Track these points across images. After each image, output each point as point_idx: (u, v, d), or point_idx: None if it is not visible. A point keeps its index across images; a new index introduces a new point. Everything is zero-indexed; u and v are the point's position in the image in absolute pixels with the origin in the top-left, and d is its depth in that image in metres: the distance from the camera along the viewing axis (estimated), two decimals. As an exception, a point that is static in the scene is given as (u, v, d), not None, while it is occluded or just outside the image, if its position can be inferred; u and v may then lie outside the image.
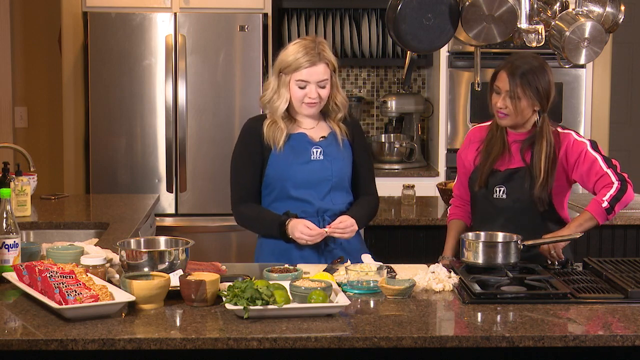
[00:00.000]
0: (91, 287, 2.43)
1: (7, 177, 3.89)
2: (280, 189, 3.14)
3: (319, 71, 3.06)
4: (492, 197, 3.19)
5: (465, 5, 3.44)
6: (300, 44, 3.08)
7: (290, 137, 3.13)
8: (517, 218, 3.15)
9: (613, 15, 3.56)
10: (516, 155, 3.18)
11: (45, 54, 5.88)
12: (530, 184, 3.13)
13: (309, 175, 3.12)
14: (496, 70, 3.16)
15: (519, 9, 3.42)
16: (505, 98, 3.11)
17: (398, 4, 3.45)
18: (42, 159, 5.49)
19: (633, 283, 2.72)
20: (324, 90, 3.09)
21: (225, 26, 5.24)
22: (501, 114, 3.14)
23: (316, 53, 3.05)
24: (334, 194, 3.15)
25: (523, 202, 3.15)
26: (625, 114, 6.99)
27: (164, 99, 5.23)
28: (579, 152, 3.13)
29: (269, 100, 3.15)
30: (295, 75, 3.06)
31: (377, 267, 2.75)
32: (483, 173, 3.20)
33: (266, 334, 2.27)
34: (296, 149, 3.13)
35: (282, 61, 3.10)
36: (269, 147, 3.13)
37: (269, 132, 3.13)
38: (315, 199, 3.13)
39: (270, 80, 3.15)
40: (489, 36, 3.47)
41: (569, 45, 3.41)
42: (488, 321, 2.44)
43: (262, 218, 3.15)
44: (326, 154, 3.14)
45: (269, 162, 3.14)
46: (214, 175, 5.29)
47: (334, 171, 3.15)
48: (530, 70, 3.09)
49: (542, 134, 3.14)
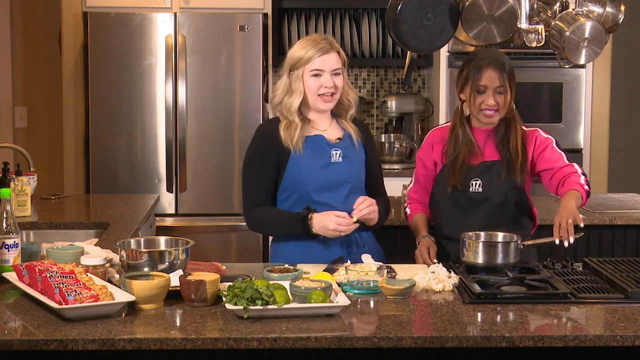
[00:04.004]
0: (91, 287, 2.43)
1: (7, 177, 3.89)
2: (300, 193, 3.08)
3: (331, 59, 3.04)
4: (468, 192, 3.19)
5: (465, 5, 3.44)
6: (307, 39, 3.08)
7: (306, 139, 3.09)
8: (494, 210, 3.17)
9: (613, 15, 3.56)
10: (488, 149, 3.20)
11: (45, 54, 5.89)
12: (507, 174, 3.16)
13: (329, 178, 3.09)
14: (474, 71, 3.13)
15: (519, 9, 3.42)
16: (494, 95, 3.12)
17: (398, 4, 3.45)
18: (42, 159, 5.49)
19: (633, 283, 2.72)
20: (339, 79, 3.06)
21: (225, 26, 5.24)
22: (490, 112, 3.14)
23: (327, 42, 3.05)
24: (353, 196, 3.11)
25: (499, 193, 3.17)
26: (625, 114, 6.99)
27: (164, 99, 5.23)
28: (546, 145, 3.19)
29: (281, 100, 3.09)
30: (309, 67, 3.03)
31: (377, 267, 2.76)
32: (455, 172, 3.20)
33: (266, 334, 2.27)
34: (316, 152, 3.09)
35: (291, 58, 3.07)
36: (287, 150, 3.07)
37: (286, 134, 3.07)
38: (336, 202, 3.08)
39: (280, 81, 3.10)
40: (489, 36, 3.47)
41: (569, 45, 3.41)
42: (488, 321, 2.44)
43: (280, 218, 3.10)
44: (345, 156, 3.12)
45: (288, 166, 3.07)
46: (214, 175, 5.29)
47: (352, 173, 3.13)
48: (506, 60, 3.16)
49: (514, 121, 3.20)
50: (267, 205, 3.12)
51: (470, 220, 3.15)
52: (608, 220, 3.98)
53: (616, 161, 6.70)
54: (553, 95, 5.42)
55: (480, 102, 3.14)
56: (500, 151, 3.19)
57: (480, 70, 3.13)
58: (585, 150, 5.53)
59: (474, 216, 3.18)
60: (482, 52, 3.20)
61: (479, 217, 3.17)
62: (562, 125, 5.43)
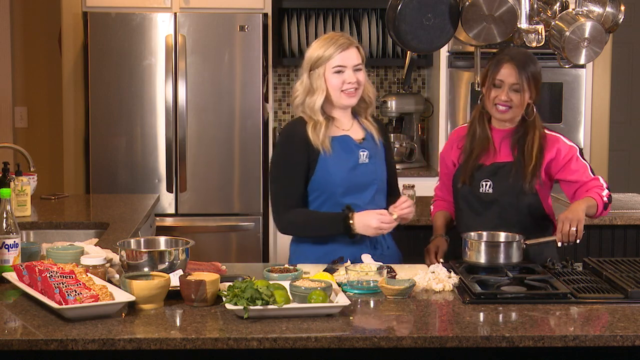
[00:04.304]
0: (91, 287, 2.43)
1: (7, 177, 3.89)
2: (329, 194, 3.06)
3: (352, 55, 3.03)
4: (478, 192, 3.19)
5: (465, 5, 3.44)
6: (324, 38, 3.07)
7: (333, 139, 3.07)
8: (504, 212, 3.16)
9: (613, 15, 3.55)
10: (504, 149, 3.19)
11: (45, 54, 5.89)
12: (517, 177, 3.14)
13: (357, 180, 3.07)
14: (495, 64, 3.14)
15: (519, 9, 3.42)
16: (509, 91, 3.11)
17: (398, 4, 3.44)
18: (42, 159, 5.49)
19: (633, 283, 2.72)
20: (361, 74, 3.04)
21: (225, 26, 5.24)
22: (503, 108, 3.14)
23: (346, 39, 3.04)
24: (378, 197, 3.12)
25: (510, 195, 3.16)
26: (625, 114, 6.99)
27: (164, 99, 5.23)
28: (571, 155, 3.17)
29: (303, 101, 3.07)
30: (330, 64, 3.01)
31: (377, 267, 2.76)
32: (467, 169, 3.20)
33: (266, 334, 2.27)
34: (344, 152, 3.07)
35: (310, 57, 3.05)
36: (316, 151, 3.04)
37: (314, 135, 3.04)
38: (363, 203, 3.06)
39: (300, 82, 3.08)
40: (489, 36, 3.47)
41: (569, 45, 3.41)
42: (488, 321, 2.44)
43: (318, 219, 3.06)
44: (371, 157, 3.11)
45: (317, 166, 3.05)
46: (214, 175, 5.29)
47: (378, 174, 3.12)
48: (532, 62, 3.14)
49: (534, 125, 3.17)
50: (299, 207, 3.08)
51: (482, 221, 3.13)
52: (608, 220, 3.98)
53: (616, 161, 6.70)
54: (553, 95, 5.42)
55: (494, 96, 3.14)
56: (513, 153, 3.18)
57: (499, 65, 3.13)
58: (585, 150, 5.52)
59: (485, 217, 3.17)
60: (510, 49, 3.19)
61: (489, 218, 3.15)
62: (562, 125, 5.43)
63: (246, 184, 5.30)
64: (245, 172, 5.29)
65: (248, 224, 5.29)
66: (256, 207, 5.30)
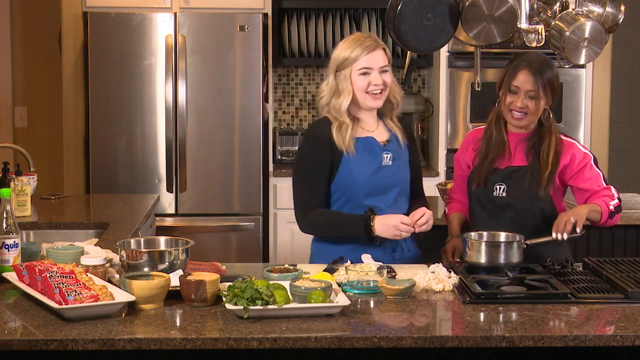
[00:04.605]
0: (91, 287, 2.43)
1: (7, 177, 3.89)
2: (350, 196, 3.06)
3: (378, 57, 3.03)
4: (492, 195, 3.19)
5: (465, 5, 3.44)
6: (351, 39, 3.06)
7: (357, 141, 3.07)
8: (518, 216, 3.16)
9: (613, 15, 3.55)
10: (518, 154, 3.19)
11: (45, 54, 5.89)
12: (531, 182, 3.14)
13: (380, 182, 3.07)
14: (512, 70, 3.13)
15: (519, 9, 3.42)
16: (525, 98, 3.11)
17: (398, 4, 3.44)
18: (42, 159, 5.49)
19: (633, 283, 2.72)
20: (387, 76, 3.05)
21: (225, 26, 5.24)
22: (518, 114, 3.13)
23: (372, 40, 3.04)
24: (400, 200, 3.11)
25: (524, 200, 3.15)
26: (625, 114, 6.99)
27: (164, 99, 5.23)
28: (585, 162, 3.17)
29: (329, 102, 3.07)
30: (357, 65, 3.01)
31: (377, 267, 2.76)
32: (482, 171, 3.20)
33: (266, 334, 2.27)
34: (368, 154, 3.07)
35: (337, 59, 3.05)
36: (340, 152, 3.04)
37: (338, 136, 3.04)
38: (385, 205, 3.06)
39: (326, 82, 3.09)
40: (489, 36, 3.46)
41: (569, 45, 3.40)
42: (488, 321, 2.44)
43: (340, 220, 3.05)
44: (394, 159, 3.11)
45: (340, 167, 3.05)
46: (214, 175, 5.29)
47: (401, 177, 3.12)
48: (549, 67, 3.14)
49: (550, 131, 3.17)
50: (321, 207, 3.08)
51: (496, 224, 3.12)
52: (608, 220, 3.97)
53: (616, 161, 6.70)
54: (553, 95, 5.42)
55: (510, 102, 3.14)
56: (528, 158, 3.17)
57: (516, 70, 3.13)
58: (585, 150, 5.53)
59: (498, 220, 3.16)
60: (528, 54, 3.17)
61: (503, 222, 3.14)
62: (562, 125, 5.43)
63: (246, 184, 5.30)
64: (245, 172, 5.29)
65: (248, 224, 5.29)
66: (256, 207, 5.30)
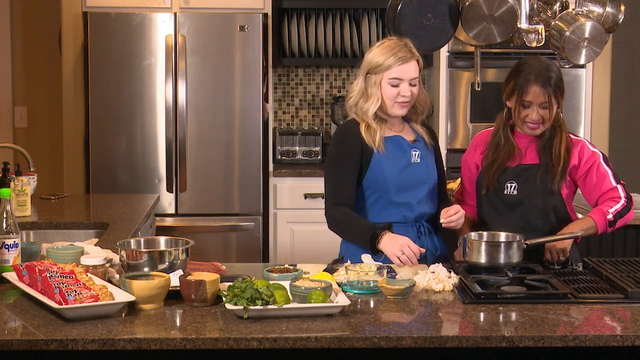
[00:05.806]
0: (91, 287, 2.43)
1: (7, 177, 3.89)
2: (381, 192, 3.09)
3: (410, 69, 3.05)
4: (503, 194, 3.19)
5: (465, 5, 3.44)
6: (387, 44, 3.07)
7: (385, 139, 3.10)
8: (528, 214, 3.16)
9: (613, 15, 3.55)
10: (530, 153, 3.19)
11: (45, 54, 5.89)
12: (544, 178, 3.14)
13: (410, 178, 3.10)
14: (521, 86, 3.11)
15: (519, 9, 3.42)
16: (538, 109, 3.12)
17: (398, 4, 3.44)
18: (42, 159, 5.49)
19: (633, 283, 2.72)
20: (415, 89, 3.07)
21: (225, 26, 5.24)
22: (534, 125, 3.14)
23: (407, 50, 3.05)
24: (430, 198, 3.13)
25: (536, 197, 3.16)
26: (625, 114, 6.99)
27: (164, 99, 5.23)
28: (592, 161, 3.17)
29: (356, 102, 3.11)
30: (388, 74, 3.03)
31: (377, 267, 2.76)
32: (491, 174, 3.20)
33: (266, 334, 2.27)
34: (397, 151, 3.10)
35: (370, 62, 3.07)
36: (370, 150, 3.07)
37: (368, 135, 3.08)
38: (415, 201, 3.10)
39: (356, 82, 3.12)
40: (489, 36, 3.47)
41: (569, 45, 3.41)
42: (488, 321, 2.44)
43: (353, 221, 3.06)
44: (422, 157, 3.14)
45: (371, 164, 3.08)
46: (214, 175, 5.29)
47: (430, 174, 3.15)
48: (553, 72, 3.15)
49: (561, 128, 3.19)
50: (350, 203, 3.10)
51: (505, 223, 3.12)
52: (608, 220, 3.97)
53: (616, 161, 6.68)
54: (553, 95, 5.41)
55: (525, 116, 3.14)
56: (541, 155, 3.18)
57: (526, 86, 3.12)
58: (585, 150, 5.52)
59: (509, 219, 3.16)
60: (530, 63, 3.15)
61: (514, 221, 3.15)
62: (562, 125, 5.43)
63: (246, 184, 5.30)
64: (245, 172, 5.29)
65: (248, 224, 5.29)
66: (256, 207, 5.30)
